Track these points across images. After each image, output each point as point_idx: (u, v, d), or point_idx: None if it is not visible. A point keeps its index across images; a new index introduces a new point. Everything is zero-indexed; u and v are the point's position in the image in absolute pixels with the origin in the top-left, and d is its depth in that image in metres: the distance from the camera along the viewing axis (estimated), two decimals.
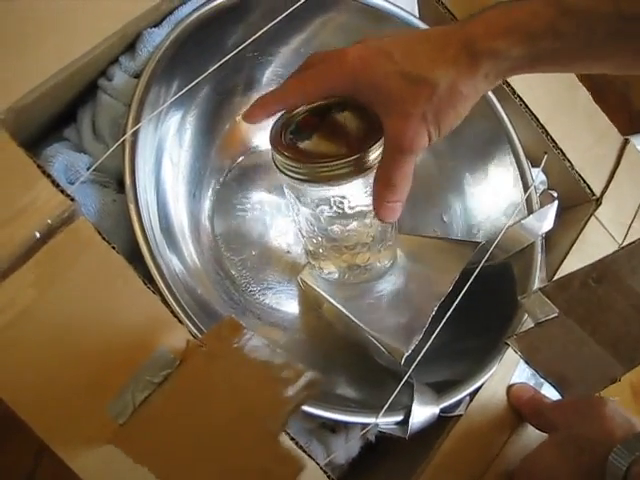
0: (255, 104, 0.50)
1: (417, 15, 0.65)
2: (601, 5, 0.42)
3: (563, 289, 0.51)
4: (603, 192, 0.67)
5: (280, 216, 0.67)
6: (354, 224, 0.56)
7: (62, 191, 0.40)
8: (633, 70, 0.46)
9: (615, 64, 0.46)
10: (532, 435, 0.55)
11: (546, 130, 0.65)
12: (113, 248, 0.41)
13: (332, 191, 0.53)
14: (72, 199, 0.40)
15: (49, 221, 0.39)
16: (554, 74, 0.67)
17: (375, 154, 0.51)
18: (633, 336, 0.50)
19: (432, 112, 0.45)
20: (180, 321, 0.44)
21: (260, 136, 0.65)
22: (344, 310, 0.61)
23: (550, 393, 0.57)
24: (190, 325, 0.45)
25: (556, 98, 0.67)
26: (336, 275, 0.63)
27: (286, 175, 0.53)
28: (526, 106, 0.64)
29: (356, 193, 0.54)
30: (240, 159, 0.66)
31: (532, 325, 0.57)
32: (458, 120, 0.47)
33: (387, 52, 0.45)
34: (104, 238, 0.41)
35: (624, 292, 0.47)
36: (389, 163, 0.48)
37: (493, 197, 0.68)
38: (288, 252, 0.67)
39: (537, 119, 0.64)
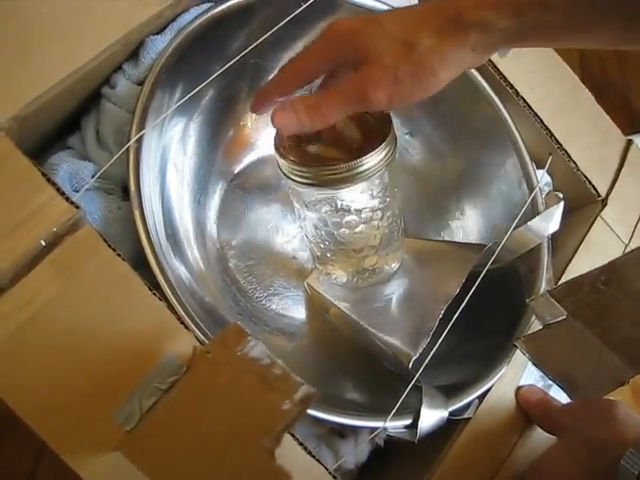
0: (258, 94, 0.49)
1: None
2: None
3: (572, 292, 0.51)
4: (608, 193, 0.67)
5: (286, 222, 0.67)
6: (361, 227, 0.56)
7: (67, 199, 0.40)
8: (621, 45, 0.46)
9: (602, 38, 0.46)
10: (541, 437, 0.55)
11: (550, 131, 0.64)
12: (118, 255, 0.42)
13: (337, 195, 0.53)
14: (77, 207, 0.40)
15: (54, 229, 0.39)
16: (558, 75, 0.67)
17: (378, 158, 0.51)
18: None
19: (407, 71, 0.44)
20: (187, 327, 0.44)
21: (264, 142, 0.65)
22: (351, 314, 0.61)
23: (558, 395, 0.56)
24: (197, 331, 0.45)
25: (559, 100, 0.67)
26: (344, 279, 0.63)
27: (291, 179, 0.53)
28: (530, 107, 0.64)
29: (361, 196, 0.54)
30: (245, 165, 0.66)
31: (540, 327, 0.57)
32: (434, 85, 0.45)
33: (377, 20, 0.45)
34: (109, 245, 0.41)
35: (633, 295, 0.47)
36: (333, 94, 0.45)
37: (498, 199, 0.68)
38: (294, 257, 0.67)
39: (541, 120, 0.64)
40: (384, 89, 0.44)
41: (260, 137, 0.66)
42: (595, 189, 0.66)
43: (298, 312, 0.65)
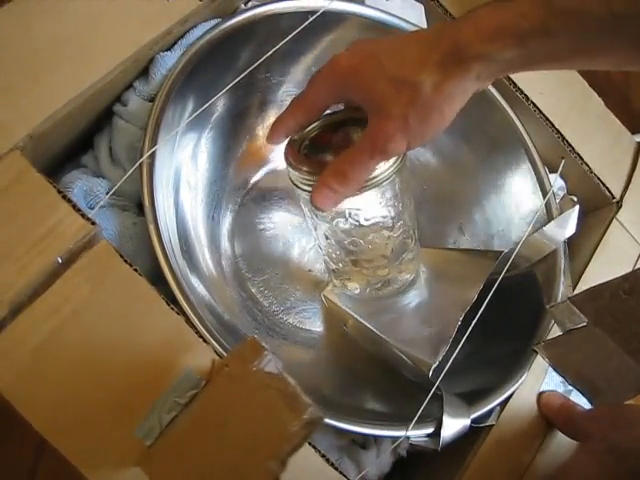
0: (273, 125, 0.50)
1: (425, 28, 0.65)
2: (592, 5, 0.41)
3: (593, 299, 0.50)
4: (622, 195, 0.67)
5: (300, 234, 0.67)
6: (371, 236, 0.56)
7: (83, 215, 0.40)
8: (630, 66, 0.45)
9: (610, 61, 0.45)
10: (563, 443, 0.54)
11: (562, 135, 0.64)
12: (136, 271, 0.42)
13: (347, 203, 0.53)
14: (93, 223, 0.41)
15: (71, 246, 0.40)
16: (566, 80, 0.67)
17: (387, 165, 0.51)
18: None
19: (415, 115, 0.44)
20: (205, 341, 0.44)
21: (276, 155, 0.65)
22: (369, 325, 0.61)
23: (579, 400, 0.56)
24: (215, 344, 0.45)
25: (569, 104, 0.67)
26: (358, 291, 0.63)
27: (301, 189, 0.53)
28: (540, 112, 0.64)
29: (371, 205, 0.54)
30: (257, 179, 0.66)
31: (559, 333, 0.56)
32: (444, 122, 0.46)
33: (375, 57, 0.45)
34: (126, 260, 0.42)
35: None
36: (353, 156, 0.46)
37: (512, 205, 0.68)
38: (310, 270, 0.67)
39: (552, 124, 0.64)
40: (399, 140, 0.45)
41: (271, 151, 0.66)
42: (609, 191, 0.66)
43: (315, 324, 0.64)
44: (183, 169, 0.56)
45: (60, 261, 0.39)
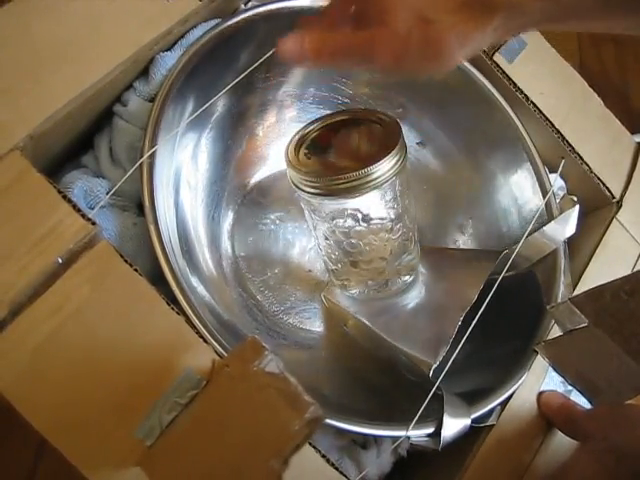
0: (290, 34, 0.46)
1: None
2: None
3: (594, 300, 0.50)
4: (622, 194, 0.67)
5: (301, 234, 0.67)
6: (370, 238, 0.56)
7: (83, 215, 0.40)
8: None
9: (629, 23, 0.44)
10: (562, 443, 0.54)
11: (562, 134, 0.64)
12: (136, 270, 0.42)
13: (346, 204, 0.53)
14: (93, 223, 0.41)
15: (71, 246, 0.40)
16: (566, 80, 0.67)
17: (388, 166, 0.51)
18: None
19: (419, 42, 0.42)
20: (205, 341, 0.44)
21: (276, 156, 0.65)
22: (370, 324, 0.61)
23: (579, 400, 0.56)
24: (215, 344, 0.45)
25: (569, 103, 0.67)
26: (357, 291, 0.63)
27: (301, 190, 0.53)
28: (540, 112, 0.64)
29: (371, 206, 0.54)
30: (257, 179, 0.66)
31: (559, 333, 0.56)
32: (449, 64, 0.44)
33: None
34: (126, 261, 0.42)
35: None
36: (342, 38, 0.44)
37: (512, 205, 0.68)
38: (310, 270, 0.67)
39: (552, 124, 0.64)
40: (391, 52, 0.43)
41: (271, 151, 0.66)
42: (609, 191, 0.66)
43: (315, 325, 0.65)
44: (183, 169, 0.56)
45: (60, 261, 0.39)
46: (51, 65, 0.44)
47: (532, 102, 0.64)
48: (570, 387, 0.57)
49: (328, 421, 0.48)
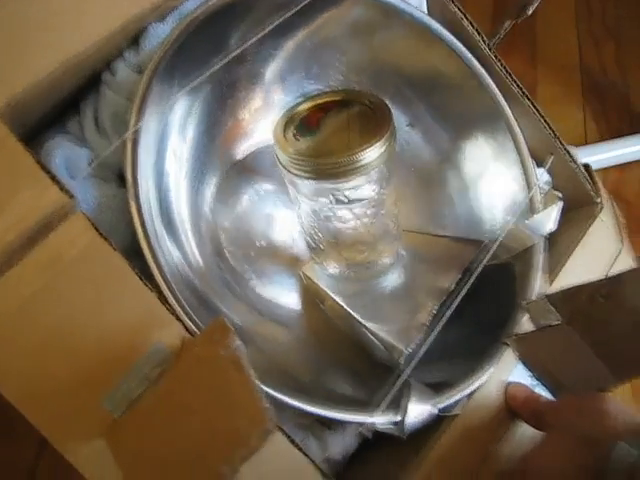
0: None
1: (425, 11, 0.65)
2: None
3: (570, 299, 0.51)
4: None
5: (284, 211, 0.67)
6: (353, 222, 0.56)
7: (61, 187, 0.40)
8: None
9: None
10: (527, 433, 0.55)
11: (553, 131, 0.64)
12: (110, 245, 0.42)
13: (332, 188, 0.53)
14: (71, 195, 0.40)
15: (46, 217, 0.39)
16: None
17: (377, 153, 0.51)
18: (630, 354, 0.50)
19: None
20: (178, 318, 0.44)
21: (264, 131, 0.65)
22: (345, 306, 0.61)
23: (545, 393, 0.57)
24: (188, 322, 0.45)
25: None
26: (337, 271, 0.63)
27: (288, 171, 0.53)
28: (534, 106, 0.64)
29: (356, 190, 0.54)
30: (243, 153, 0.66)
31: (530, 328, 0.57)
32: None
33: None
34: (101, 234, 0.41)
35: (628, 311, 0.47)
36: None
37: (496, 195, 0.68)
38: (290, 247, 0.67)
39: (545, 119, 0.64)
40: None
41: (259, 126, 0.65)
42: (594, 190, 0.66)
43: (292, 302, 0.65)
44: (170, 140, 0.56)
45: (35, 232, 0.39)
46: (38, 33, 0.42)
47: (527, 96, 0.63)
48: (536, 382, 0.58)
49: (296, 403, 0.49)
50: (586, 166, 0.68)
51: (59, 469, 0.63)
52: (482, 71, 0.63)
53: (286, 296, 0.65)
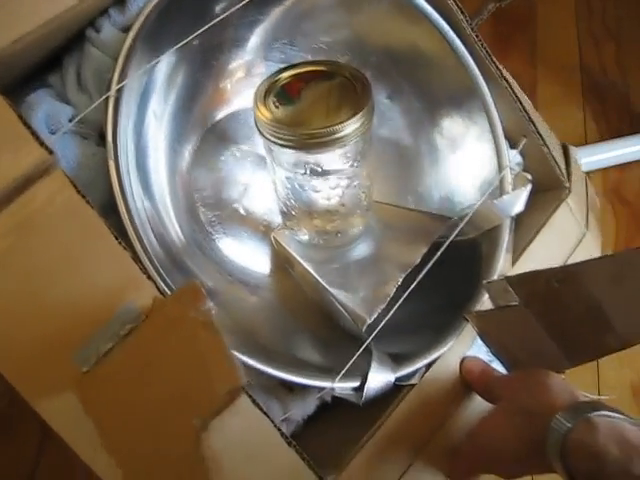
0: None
1: None
2: None
3: (528, 283, 0.53)
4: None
5: (259, 175, 0.68)
6: (326, 190, 0.57)
7: (41, 143, 0.40)
8: None
9: None
10: (481, 405, 0.57)
11: (528, 114, 0.65)
12: (88, 202, 0.42)
13: (308, 158, 0.54)
14: (51, 152, 0.40)
15: (25, 172, 0.39)
16: None
17: (354, 126, 0.52)
18: (583, 338, 0.52)
19: None
20: (150, 277, 0.44)
21: (244, 95, 0.65)
22: (312, 272, 0.62)
23: (500, 368, 0.59)
24: (160, 282, 0.45)
25: None
26: (307, 238, 0.64)
27: (265, 138, 0.54)
28: (511, 88, 0.64)
29: (332, 162, 0.55)
30: (223, 116, 0.66)
31: (492, 306, 0.59)
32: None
33: None
34: (79, 192, 0.41)
35: (584, 298, 0.49)
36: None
37: (468, 172, 0.69)
38: (264, 212, 0.67)
39: (520, 102, 0.65)
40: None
41: (240, 91, 0.66)
42: (564, 175, 0.68)
43: (262, 265, 0.66)
44: (152, 100, 0.56)
45: (13, 187, 0.39)
46: None
47: (504, 78, 0.64)
48: (493, 357, 0.60)
49: (259, 366, 0.50)
50: (564, 147, 0.69)
51: (59, 469, 0.64)
52: (463, 50, 0.63)
53: (256, 260, 0.66)
